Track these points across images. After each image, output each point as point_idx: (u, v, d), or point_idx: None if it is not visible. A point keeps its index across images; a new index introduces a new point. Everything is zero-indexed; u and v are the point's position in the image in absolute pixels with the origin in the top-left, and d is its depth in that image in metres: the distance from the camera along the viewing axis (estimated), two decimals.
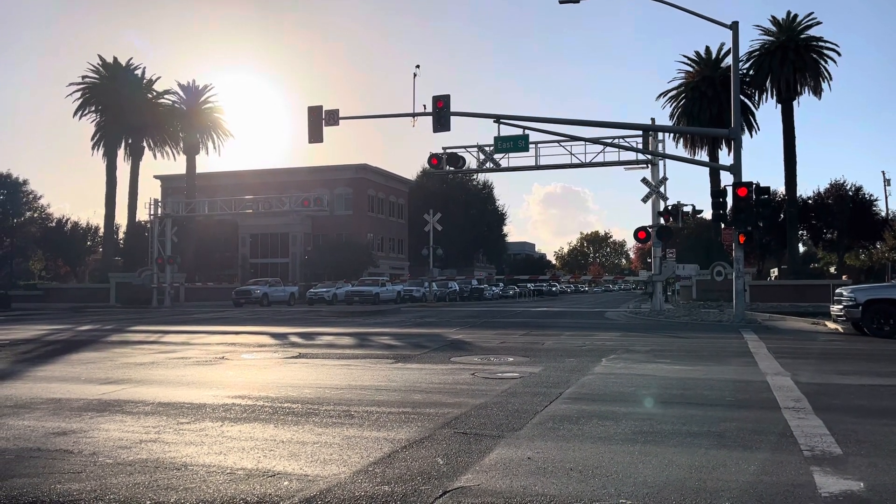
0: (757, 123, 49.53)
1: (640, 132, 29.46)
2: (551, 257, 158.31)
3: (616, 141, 30.39)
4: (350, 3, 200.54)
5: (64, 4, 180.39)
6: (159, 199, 51.27)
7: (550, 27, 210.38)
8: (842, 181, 58.13)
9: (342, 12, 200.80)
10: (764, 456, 5.82)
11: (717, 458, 5.71)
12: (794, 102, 46.36)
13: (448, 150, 31.72)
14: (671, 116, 51.09)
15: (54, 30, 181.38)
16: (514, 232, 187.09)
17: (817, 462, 5.56)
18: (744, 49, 46.25)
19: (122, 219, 59.54)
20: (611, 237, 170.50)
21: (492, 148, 30.12)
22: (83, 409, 8.25)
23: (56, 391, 9.64)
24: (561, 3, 25.53)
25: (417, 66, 28.32)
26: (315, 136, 26.62)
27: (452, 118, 25.32)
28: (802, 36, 46.11)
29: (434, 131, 25.29)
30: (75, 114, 54.76)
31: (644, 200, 31.11)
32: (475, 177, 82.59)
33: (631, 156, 31.48)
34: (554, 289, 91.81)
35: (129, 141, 55.19)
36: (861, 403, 8.37)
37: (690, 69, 50.63)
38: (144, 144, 56.31)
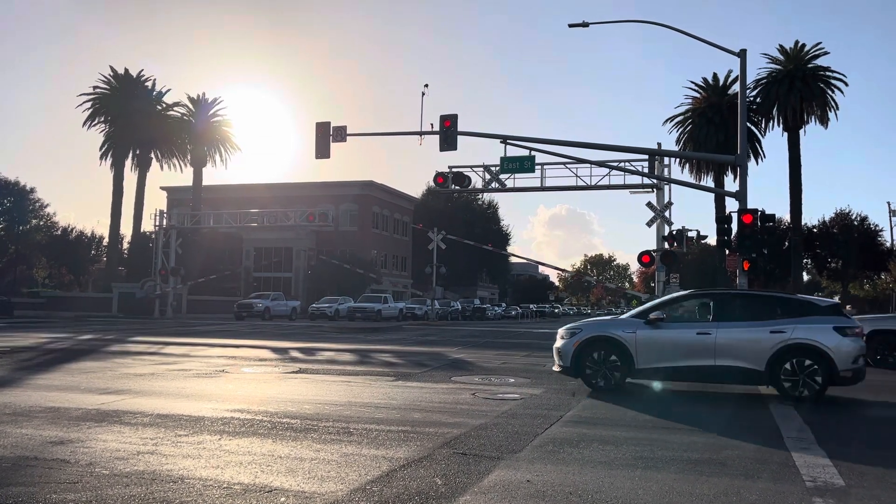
0: (763, 151, 49.69)
1: (646, 156, 29.54)
2: (554, 279, 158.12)
3: (622, 164, 30.46)
4: (360, 20, 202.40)
5: (76, 16, 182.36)
6: (165, 211, 51.44)
7: (559, 50, 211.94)
8: (847, 211, 58.19)
9: (352, 29, 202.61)
10: (765, 485, 5.76)
11: (718, 486, 5.65)
12: (801, 131, 46.47)
13: (454, 169, 31.81)
14: (677, 141, 51.24)
15: (66, 41, 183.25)
16: (519, 252, 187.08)
17: (819, 493, 5.50)
18: (751, 77, 46.50)
19: (127, 229, 59.72)
20: (615, 260, 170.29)
21: (498, 168, 30.21)
22: (81, 418, 8.22)
23: (55, 400, 9.61)
24: (570, 26, 25.74)
25: (426, 86, 28.57)
26: (322, 151, 26.74)
27: (459, 137, 25.42)
28: (810, 65, 46.30)
29: (441, 150, 25.37)
30: (84, 124, 55.15)
31: (649, 224, 31.16)
32: (480, 196, 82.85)
33: (636, 179, 31.57)
34: (556, 310, 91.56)
35: (137, 152, 55.48)
36: (865, 435, 8.30)
37: (697, 95, 50.84)
38: (152, 156, 56.60)
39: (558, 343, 11.73)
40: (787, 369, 10.52)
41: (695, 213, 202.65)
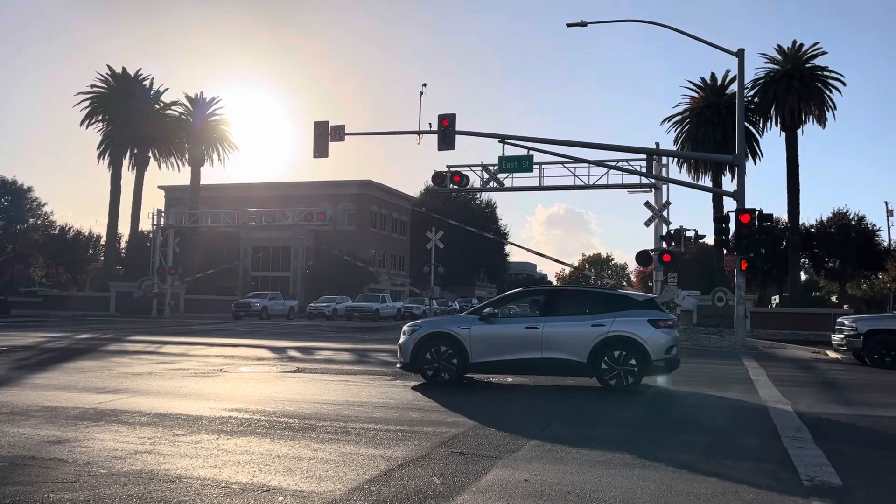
0: (761, 150, 49.67)
1: (644, 156, 29.54)
2: (552, 278, 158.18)
3: (620, 164, 30.48)
4: (359, 20, 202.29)
5: (74, 15, 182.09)
6: (162, 210, 51.34)
7: (557, 49, 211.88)
8: (845, 210, 58.13)
9: (351, 29, 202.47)
10: (763, 485, 5.77)
11: (715, 486, 5.66)
12: (799, 131, 46.50)
13: (452, 169, 31.81)
14: (675, 141, 51.24)
15: (63, 39, 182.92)
16: (516, 252, 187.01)
17: (817, 492, 5.51)
18: (749, 76, 46.50)
19: (124, 228, 59.57)
20: (612, 260, 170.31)
21: (496, 167, 30.21)
22: (79, 417, 8.22)
23: (52, 399, 9.60)
24: (568, 26, 25.77)
25: (424, 85, 28.51)
26: (320, 150, 26.73)
27: (457, 137, 25.42)
28: (808, 65, 46.32)
29: (439, 149, 25.38)
30: (82, 123, 55.02)
31: (647, 224, 31.12)
32: (478, 196, 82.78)
33: (634, 179, 31.54)
34: None
35: (135, 151, 55.38)
36: (862, 434, 8.31)
37: (695, 95, 50.85)
38: (150, 155, 56.48)
39: (401, 340, 12.10)
40: (607, 360, 11.14)
41: (693, 212, 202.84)
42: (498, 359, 11.46)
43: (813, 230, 57.23)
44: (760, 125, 48.29)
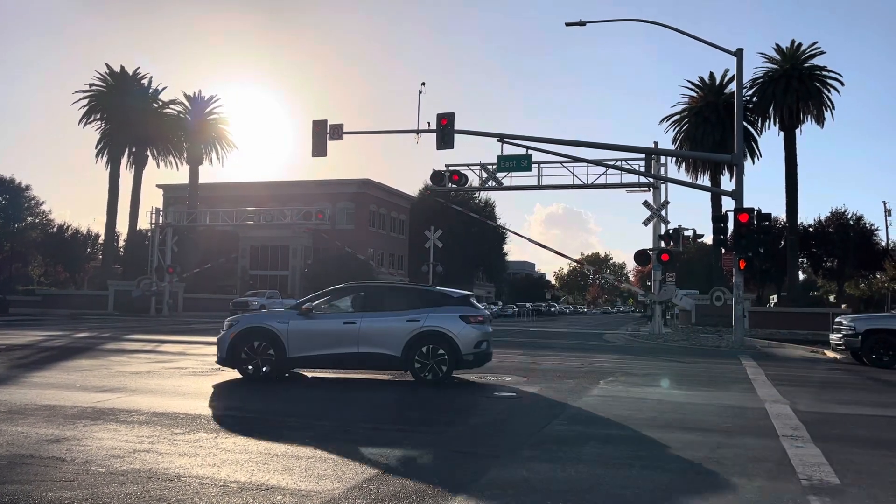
0: (759, 150, 49.69)
1: (642, 155, 29.56)
2: (551, 277, 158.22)
3: (619, 163, 30.48)
4: (357, 19, 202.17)
5: (72, 13, 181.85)
6: (161, 209, 51.30)
7: (556, 48, 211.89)
8: (843, 210, 58.15)
9: (350, 28, 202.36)
10: (761, 484, 5.78)
11: (714, 485, 5.66)
12: (797, 130, 46.52)
13: (451, 168, 31.81)
14: (674, 140, 51.26)
15: (61, 37, 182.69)
16: (515, 251, 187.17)
17: (815, 491, 5.52)
18: (748, 76, 46.46)
19: (122, 227, 59.56)
20: (611, 259, 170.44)
21: (495, 166, 30.21)
22: (77, 416, 8.21)
23: (51, 398, 9.59)
24: (567, 25, 25.75)
25: (423, 84, 28.47)
26: (319, 149, 26.69)
27: (456, 136, 25.39)
28: (806, 65, 46.34)
29: (438, 148, 25.36)
30: (80, 121, 54.97)
31: (645, 223, 31.14)
32: (477, 195, 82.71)
33: (633, 178, 31.55)
34: (553, 309, 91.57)
35: (133, 150, 55.32)
36: (860, 433, 8.32)
37: (694, 94, 50.87)
38: (148, 153, 56.44)
39: (220, 334, 12.04)
40: (420, 354, 11.45)
41: (691, 211, 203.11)
42: (316, 353, 11.56)
43: (811, 230, 57.26)
44: (759, 125, 48.33)
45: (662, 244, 30.27)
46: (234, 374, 12.89)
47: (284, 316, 11.91)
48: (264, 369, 11.53)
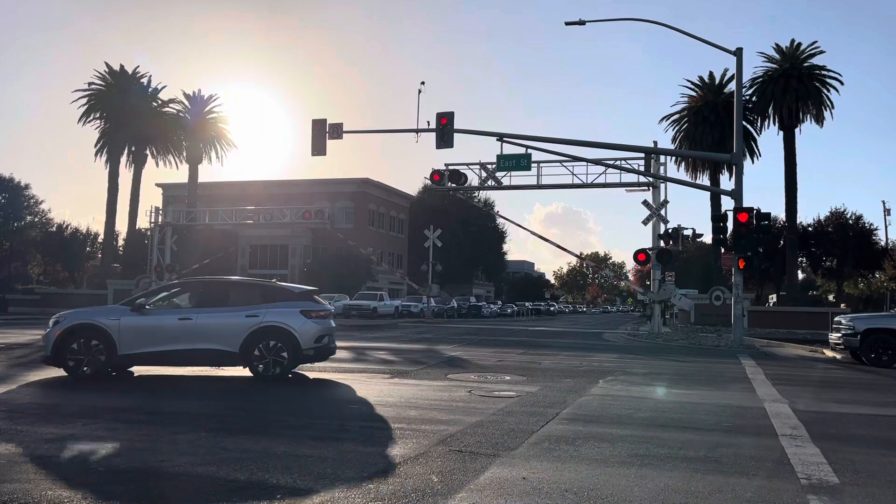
0: (758, 149, 49.69)
1: (642, 154, 29.57)
2: (550, 277, 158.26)
3: (618, 163, 30.48)
4: (356, 17, 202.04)
5: (71, 12, 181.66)
6: (160, 208, 51.24)
7: (556, 48, 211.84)
8: (842, 209, 58.17)
9: (350, 27, 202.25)
10: (760, 483, 5.78)
11: (713, 484, 5.67)
12: (796, 130, 46.47)
13: (450, 167, 31.81)
14: (673, 140, 51.25)
15: (61, 36, 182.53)
16: (514, 250, 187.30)
17: (814, 491, 5.52)
18: (747, 75, 46.42)
19: (122, 226, 59.53)
20: (610, 258, 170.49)
21: (494, 166, 30.20)
22: (76, 415, 8.21)
23: (50, 397, 9.59)
24: (567, 24, 25.75)
25: (422, 83, 28.44)
26: (318, 148, 26.68)
27: (456, 135, 25.39)
28: (805, 64, 46.32)
29: (437, 147, 25.34)
30: (80, 120, 54.92)
31: (645, 223, 31.14)
32: (476, 194, 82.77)
33: (632, 178, 31.54)
34: (552, 308, 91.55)
35: (132, 148, 55.29)
36: (859, 433, 8.33)
37: (693, 93, 50.87)
38: (147, 152, 56.39)
39: (46, 331, 11.64)
40: (259, 350, 11.38)
41: (691, 211, 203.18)
42: (149, 350, 11.30)
43: (811, 229, 57.28)
44: (758, 124, 48.32)
45: (662, 243, 30.27)
46: (231, 373, 12.90)
47: (115, 312, 11.61)
48: (87, 369, 11.06)
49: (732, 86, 35.60)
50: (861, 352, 17.61)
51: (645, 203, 31.06)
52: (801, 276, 60.39)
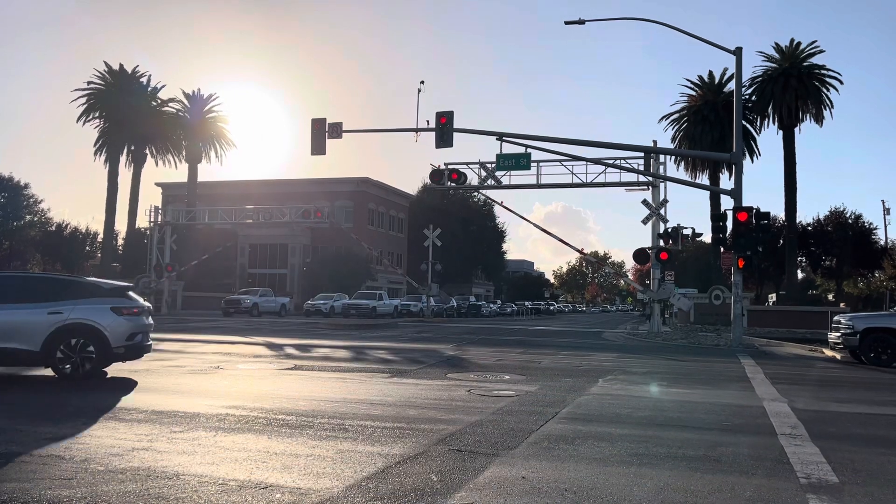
0: (758, 149, 49.73)
1: (641, 154, 29.56)
2: (550, 276, 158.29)
3: (617, 162, 30.49)
4: (356, 17, 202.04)
5: (71, 11, 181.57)
6: (160, 207, 51.28)
7: (555, 47, 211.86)
8: (841, 209, 58.20)
9: (348, 26, 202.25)
10: (760, 482, 5.78)
11: (712, 483, 5.67)
12: (796, 129, 46.57)
13: (450, 166, 31.81)
14: (673, 139, 51.29)
15: (61, 35, 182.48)
16: (514, 250, 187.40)
17: (813, 490, 5.52)
18: (747, 75, 46.49)
19: (121, 225, 59.60)
20: (610, 258, 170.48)
21: (494, 165, 30.20)
22: (76, 414, 8.20)
23: (49, 396, 9.58)
24: (566, 23, 25.73)
25: (422, 83, 28.46)
26: (318, 148, 26.67)
27: (455, 134, 25.38)
28: (805, 64, 46.37)
29: (436, 147, 25.35)
30: (79, 119, 54.97)
31: (644, 222, 31.17)
32: (476, 193, 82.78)
33: (632, 177, 31.57)
34: (552, 307, 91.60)
35: (132, 148, 55.33)
36: (858, 432, 8.33)
37: (693, 93, 50.89)
38: (147, 152, 56.43)
39: None
40: (63, 348, 10.86)
41: (690, 210, 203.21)
42: None
43: (810, 228, 57.31)
44: (758, 123, 48.36)
45: (661, 243, 30.28)
46: (231, 372, 12.87)
47: None
48: None
49: (732, 85, 35.60)
50: (860, 351, 17.62)
51: (644, 202, 31.08)
52: (800, 275, 60.41)
